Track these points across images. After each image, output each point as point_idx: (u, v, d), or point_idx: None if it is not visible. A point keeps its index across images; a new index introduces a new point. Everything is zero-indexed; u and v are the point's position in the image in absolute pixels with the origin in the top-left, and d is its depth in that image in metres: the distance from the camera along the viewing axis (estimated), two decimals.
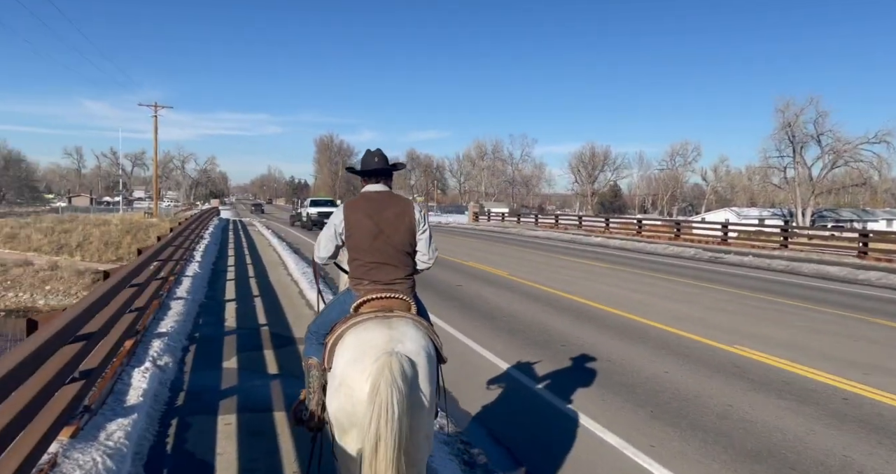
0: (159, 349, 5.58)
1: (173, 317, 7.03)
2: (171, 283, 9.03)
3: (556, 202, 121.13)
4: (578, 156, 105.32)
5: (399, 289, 2.74)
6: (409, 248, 2.83)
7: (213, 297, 9.42)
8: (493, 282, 12.48)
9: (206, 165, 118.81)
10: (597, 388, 5.55)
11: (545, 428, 4.59)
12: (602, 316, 8.99)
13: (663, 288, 12.12)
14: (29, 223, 42.05)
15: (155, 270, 7.37)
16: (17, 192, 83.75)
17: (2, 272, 30.76)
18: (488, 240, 26.54)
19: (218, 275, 12.04)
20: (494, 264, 15.77)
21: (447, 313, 9.01)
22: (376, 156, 2.94)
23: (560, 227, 32.84)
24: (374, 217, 2.76)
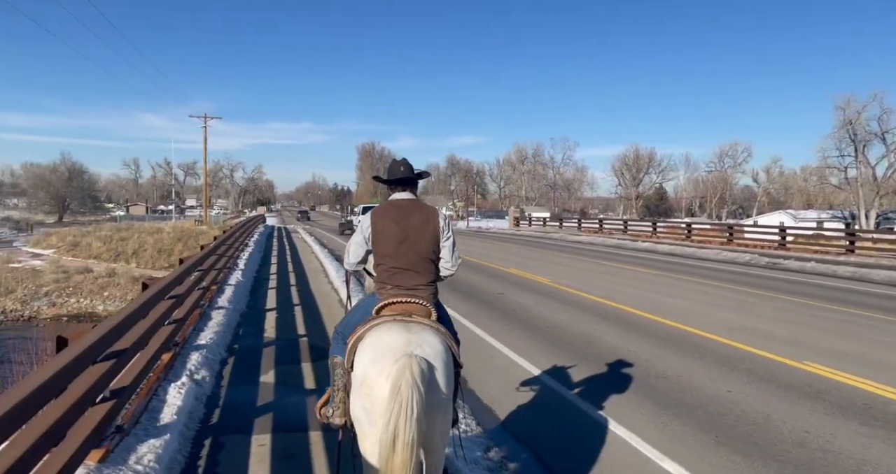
0: (197, 362, 5.50)
1: (213, 327, 6.99)
2: (213, 293, 9.06)
3: (598, 206, 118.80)
4: (622, 158, 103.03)
5: (420, 294, 2.81)
6: (432, 255, 2.90)
7: (254, 306, 9.42)
8: (535, 290, 12.08)
9: (254, 174, 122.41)
10: (653, 409, 5.12)
11: (599, 454, 4.22)
12: (653, 326, 8.48)
13: (718, 296, 11.43)
14: (90, 232, 44.15)
15: (196, 280, 7.37)
16: (80, 202, 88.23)
17: (65, 279, 32.27)
18: (530, 245, 26.03)
19: (260, 283, 12.11)
20: (536, 271, 15.34)
21: (489, 323, 8.69)
22: (402, 165, 3.02)
23: (604, 232, 31.95)
24: (400, 224, 2.85)
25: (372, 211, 2.99)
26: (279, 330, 7.76)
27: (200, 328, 6.83)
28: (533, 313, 9.55)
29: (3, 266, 34.31)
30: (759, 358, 6.77)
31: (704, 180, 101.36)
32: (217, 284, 9.78)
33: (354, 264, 3.07)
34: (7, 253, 38.16)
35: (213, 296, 8.86)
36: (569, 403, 5.28)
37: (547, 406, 5.21)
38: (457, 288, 12.38)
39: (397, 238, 2.83)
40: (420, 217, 2.89)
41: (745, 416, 4.94)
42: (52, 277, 32.47)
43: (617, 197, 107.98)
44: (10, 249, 40.40)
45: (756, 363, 6.56)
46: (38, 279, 32.49)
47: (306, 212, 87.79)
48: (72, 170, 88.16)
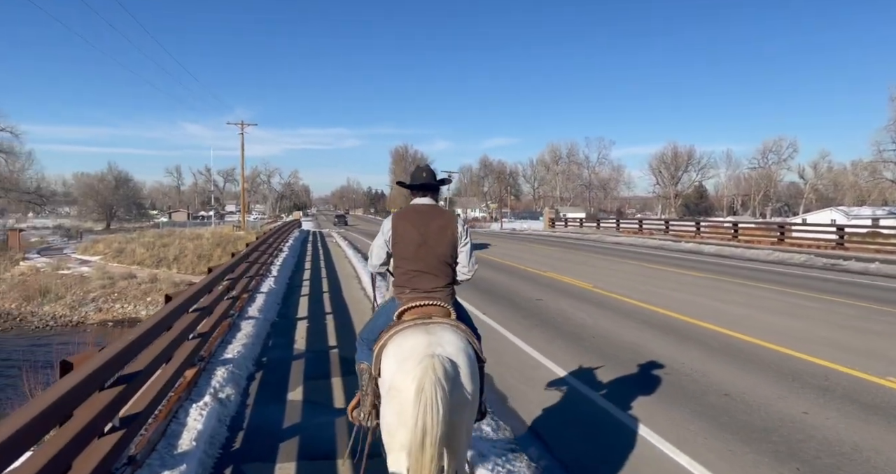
0: (223, 378, 5.22)
1: (242, 339, 6.74)
2: (244, 301, 8.87)
3: (635, 205, 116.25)
4: (660, 156, 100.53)
5: (438, 296, 2.86)
6: (450, 260, 2.95)
7: (285, 315, 9.18)
8: (575, 296, 11.50)
9: (290, 179, 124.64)
10: (719, 433, 4.56)
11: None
12: (705, 335, 7.84)
13: (775, 300, 10.61)
14: (134, 238, 45.46)
15: (225, 289, 7.15)
16: (126, 210, 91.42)
17: (110, 285, 33.21)
18: (567, 247, 25.31)
19: (292, 290, 11.92)
20: (576, 275, 14.72)
21: (527, 332, 8.20)
22: (424, 171, 3.13)
23: (644, 232, 30.87)
24: (419, 228, 2.91)
25: (393, 214, 3.04)
26: (310, 340, 7.47)
27: (229, 340, 6.59)
28: (574, 321, 9.01)
29: (54, 273, 35.57)
30: (834, 372, 6.09)
31: (747, 177, 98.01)
32: (249, 292, 9.60)
33: (377, 266, 3.15)
34: (57, 260, 39.59)
35: (243, 304, 8.65)
36: (620, 426, 4.77)
37: (597, 428, 4.71)
38: (491, 292, 11.94)
39: (416, 242, 2.90)
40: (439, 222, 2.96)
41: (829, 444, 4.33)
42: (98, 283, 33.46)
43: (655, 196, 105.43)
44: (60, 256, 41.93)
45: (831, 379, 5.88)
46: (85, 285, 33.54)
47: (343, 217, 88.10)
48: (118, 178, 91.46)
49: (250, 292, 9.68)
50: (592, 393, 5.58)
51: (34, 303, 32.15)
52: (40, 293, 32.76)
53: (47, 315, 30.57)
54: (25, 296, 32.93)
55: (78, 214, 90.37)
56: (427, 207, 3.03)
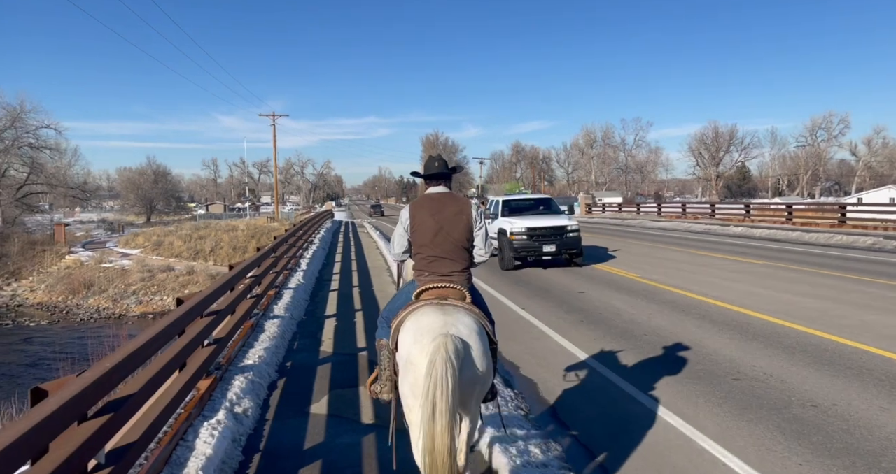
0: (241, 389, 4.72)
1: (265, 342, 6.26)
2: (270, 299, 8.42)
3: (673, 188, 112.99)
4: (700, 137, 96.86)
5: (455, 280, 2.99)
6: (466, 244, 3.07)
7: (312, 312, 8.70)
8: (622, 287, 10.69)
9: (323, 169, 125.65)
10: (814, 458, 3.80)
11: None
12: (777, 333, 6.96)
13: (852, 291, 9.54)
14: (172, 231, 46.32)
15: (246, 288, 6.67)
16: (165, 203, 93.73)
17: (150, 277, 33.83)
18: (607, 234, 24.26)
19: (322, 285, 11.47)
20: (620, 264, 13.84)
21: (572, 330, 7.49)
22: (437, 161, 3.24)
23: (689, 217, 29.44)
24: (435, 216, 3.05)
25: (410, 204, 3.19)
26: (337, 342, 6.95)
27: (251, 343, 6.11)
28: (623, 316, 8.24)
29: (96, 266, 36.49)
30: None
31: (793, 156, 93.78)
32: (276, 288, 9.16)
33: (399, 254, 3.29)
34: (100, 253, 40.64)
35: (269, 302, 8.20)
36: (697, 449, 4.04)
37: (669, 449, 4.00)
38: (529, 284, 11.24)
39: (433, 229, 3.03)
40: (454, 209, 3.08)
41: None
42: (138, 276, 34.12)
43: (695, 178, 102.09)
44: (103, 249, 43.05)
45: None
46: (126, 278, 34.25)
47: (379, 207, 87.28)
48: (157, 172, 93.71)
49: (277, 288, 9.24)
50: (651, 401, 4.87)
51: (79, 296, 33.05)
52: (84, 286, 33.65)
53: (91, 307, 31.36)
54: (71, 289, 33.88)
55: (121, 208, 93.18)
56: (441, 195, 3.15)
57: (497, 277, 12.24)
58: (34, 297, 34.56)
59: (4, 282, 38.53)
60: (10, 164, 50.42)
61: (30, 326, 28.83)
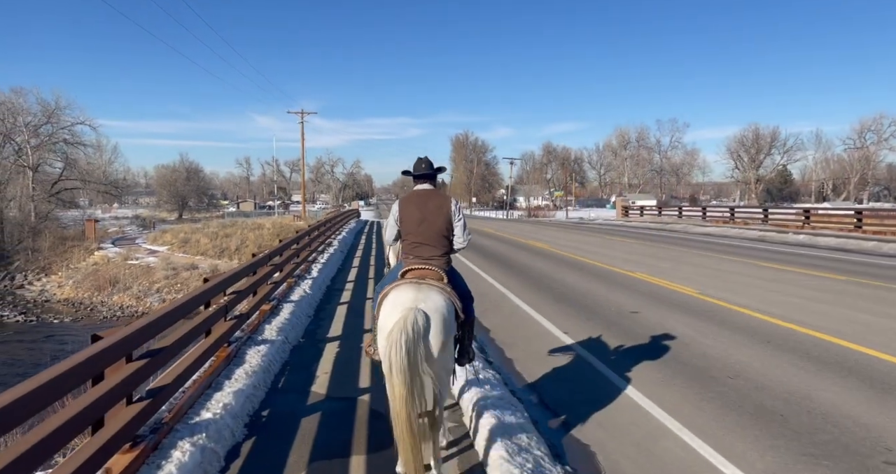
0: (181, 463, 3.31)
1: (242, 379, 4.87)
2: (263, 315, 7.07)
3: (709, 191, 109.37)
4: (739, 139, 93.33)
5: (435, 263, 3.52)
6: (446, 233, 3.61)
7: (313, 334, 7.29)
8: (680, 306, 9.01)
9: (353, 168, 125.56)
10: None
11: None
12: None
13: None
14: (199, 229, 46.04)
15: (221, 307, 5.30)
16: (197, 200, 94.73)
17: (174, 275, 33.30)
18: (650, 240, 22.36)
19: (331, 296, 10.08)
20: (673, 276, 12.11)
21: (634, 368, 5.89)
22: (424, 162, 3.80)
23: (738, 222, 27.19)
24: (420, 208, 3.61)
25: (400, 199, 3.76)
26: (335, 379, 5.51)
27: (219, 383, 4.72)
28: (695, 349, 6.59)
29: (123, 263, 36.21)
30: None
31: (839, 159, 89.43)
32: (273, 302, 7.82)
33: (391, 241, 3.85)
34: (127, 250, 40.48)
35: (262, 320, 6.84)
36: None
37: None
38: (569, 300, 9.62)
39: (417, 219, 3.58)
40: (436, 203, 3.64)
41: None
42: (162, 274, 33.64)
43: (733, 181, 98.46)
44: (131, 246, 42.97)
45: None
46: (150, 276, 33.81)
47: None
48: (189, 170, 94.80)
49: (274, 302, 7.88)
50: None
51: (104, 293, 32.75)
52: (110, 283, 33.35)
53: (115, 305, 30.98)
54: (97, 285, 33.63)
55: (156, 204, 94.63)
56: (426, 191, 3.72)
57: (539, 294, 10.70)
58: (61, 293, 34.48)
59: (35, 277, 38.71)
60: (44, 160, 51.03)
61: (53, 323, 28.49)
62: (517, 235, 26.21)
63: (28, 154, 49.04)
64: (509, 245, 21.14)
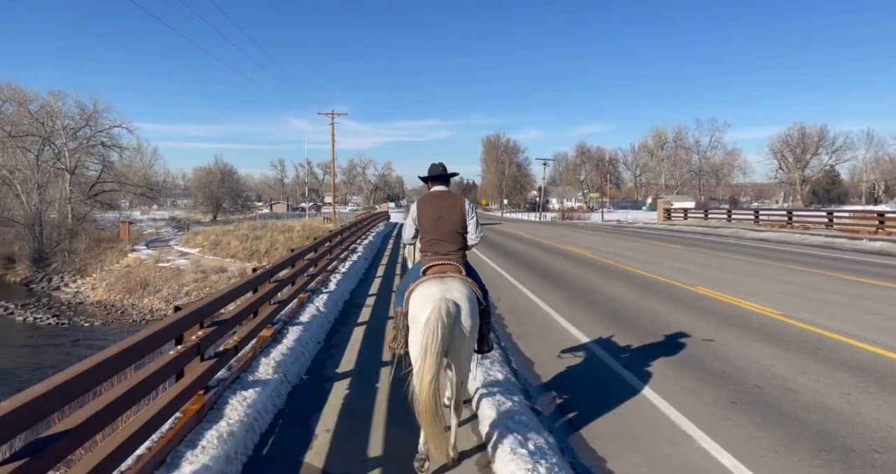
0: None
1: (212, 447, 3.62)
2: (262, 344, 5.86)
3: (750, 193, 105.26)
4: (783, 138, 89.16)
5: (452, 258, 3.81)
6: (460, 230, 3.91)
7: (320, 368, 5.96)
8: (762, 332, 7.44)
9: (384, 170, 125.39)
10: None
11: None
12: None
13: None
14: (230, 231, 45.83)
15: (189, 348, 4.09)
16: (232, 201, 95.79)
17: (203, 278, 32.88)
18: (699, 246, 20.50)
19: (349, 315, 8.78)
20: (739, 291, 10.46)
21: (727, 424, 4.41)
22: (439, 167, 4.16)
23: (796, 226, 24.97)
24: (436, 208, 3.93)
25: (418, 200, 4.09)
26: (338, 442, 4.16)
27: (176, 461, 3.48)
28: (806, 398, 5.06)
29: (154, 265, 36.06)
30: None
31: (892, 159, 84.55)
32: (276, 325, 6.61)
33: (409, 239, 4.20)
34: (159, 251, 40.45)
35: (257, 352, 5.61)
36: None
37: None
38: (633, 324, 7.95)
39: (434, 218, 3.89)
40: (451, 203, 3.95)
41: None
42: (192, 277, 33.26)
43: (776, 182, 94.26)
44: (164, 248, 42.98)
45: None
46: (180, 278, 33.49)
47: None
48: (223, 171, 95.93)
49: (278, 325, 6.66)
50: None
51: (135, 296, 32.58)
52: (141, 286, 33.18)
53: (145, 308, 30.72)
54: (128, 288, 33.52)
55: (192, 206, 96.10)
56: (442, 193, 4.05)
57: (588, 312, 9.25)
58: (95, 295, 34.52)
59: (70, 279, 39.03)
60: (82, 162, 51.76)
61: (84, 326, 28.32)
62: (553, 240, 24.64)
63: (66, 157, 49.78)
64: (546, 251, 19.63)
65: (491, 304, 4.12)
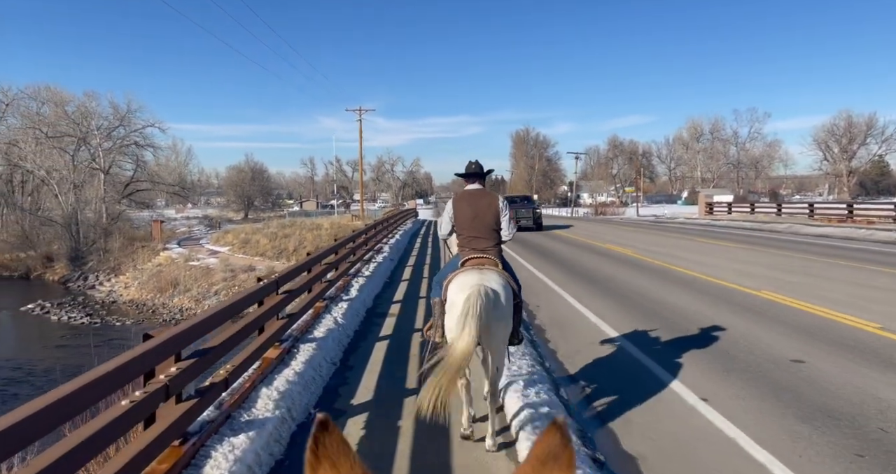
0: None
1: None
2: (266, 368, 4.92)
3: (790, 185, 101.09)
4: (828, 128, 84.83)
5: (489, 253, 4.08)
6: (495, 226, 4.18)
7: (332, 399, 4.71)
8: (862, 350, 6.15)
9: (412, 167, 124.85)
10: None
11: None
12: None
13: None
14: (259, 229, 45.73)
15: (157, 391, 3.15)
16: (263, 199, 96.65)
17: (231, 277, 32.61)
18: (754, 244, 18.88)
19: (370, 326, 7.74)
20: (818, 297, 9.07)
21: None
22: (474, 165, 4.38)
23: (857, 220, 23.04)
24: (472, 206, 4.18)
25: (453, 197, 4.35)
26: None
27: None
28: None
29: (184, 264, 36.03)
30: None
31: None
32: (285, 343, 5.67)
33: (445, 235, 4.44)
34: (190, 250, 40.50)
35: (256, 381, 4.67)
36: None
37: None
38: (707, 344, 6.66)
39: (470, 215, 4.14)
40: (486, 201, 4.21)
41: None
42: (221, 276, 33.01)
43: (820, 174, 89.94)
44: (195, 246, 43.08)
45: None
46: (209, 277, 33.31)
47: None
48: (254, 170, 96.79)
49: (287, 344, 5.71)
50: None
51: (166, 295, 32.55)
52: (171, 285, 33.14)
53: (175, 307, 30.59)
54: (159, 287, 33.52)
55: (225, 204, 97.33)
56: (477, 190, 4.29)
57: (647, 324, 8.10)
58: (127, 294, 34.68)
59: (105, 278, 39.42)
60: (115, 162, 52.46)
61: (115, 326, 28.29)
62: (590, 237, 23.28)
63: (100, 157, 50.51)
64: (584, 250, 18.34)
65: (525, 303, 4.41)
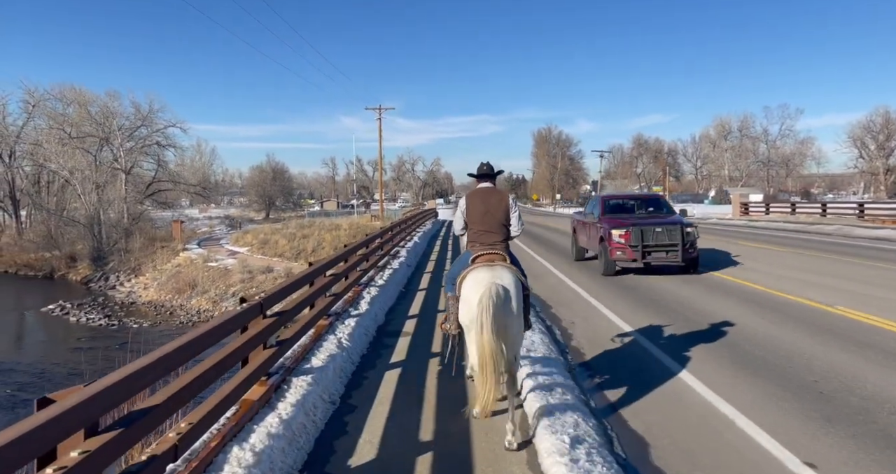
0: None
1: None
2: (245, 412, 3.89)
3: (822, 184, 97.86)
4: (865, 124, 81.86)
5: (498, 248, 4.33)
6: (505, 222, 4.47)
7: (324, 460, 3.49)
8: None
9: (432, 167, 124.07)
10: None
11: None
12: None
13: None
14: (278, 230, 45.21)
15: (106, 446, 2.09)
16: (283, 199, 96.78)
17: (249, 279, 32.03)
18: (805, 248, 17.32)
19: (380, 348, 6.57)
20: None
21: None
22: (485, 165, 4.69)
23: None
24: (483, 202, 4.47)
25: (466, 195, 4.63)
26: None
27: None
28: None
29: (203, 265, 35.59)
30: None
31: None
32: (273, 377, 4.64)
33: (459, 231, 4.67)
34: (209, 250, 40.11)
35: (231, 430, 3.65)
36: None
37: None
38: (779, 377, 5.30)
39: (481, 211, 4.43)
40: (496, 198, 4.51)
41: None
42: (238, 277, 32.44)
43: (856, 171, 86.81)
44: (215, 246, 42.74)
45: None
46: (227, 279, 32.76)
47: None
48: (275, 170, 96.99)
49: (274, 379, 4.67)
50: None
51: (184, 296, 32.08)
52: (189, 286, 32.67)
53: (193, 309, 30.09)
54: (177, 288, 33.10)
55: (247, 204, 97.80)
56: (488, 189, 4.59)
57: (707, 349, 6.88)
58: (146, 295, 34.38)
59: (126, 278, 39.25)
60: (137, 162, 52.53)
61: (132, 328, 27.85)
62: None
63: (122, 157, 50.58)
64: None
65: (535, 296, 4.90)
